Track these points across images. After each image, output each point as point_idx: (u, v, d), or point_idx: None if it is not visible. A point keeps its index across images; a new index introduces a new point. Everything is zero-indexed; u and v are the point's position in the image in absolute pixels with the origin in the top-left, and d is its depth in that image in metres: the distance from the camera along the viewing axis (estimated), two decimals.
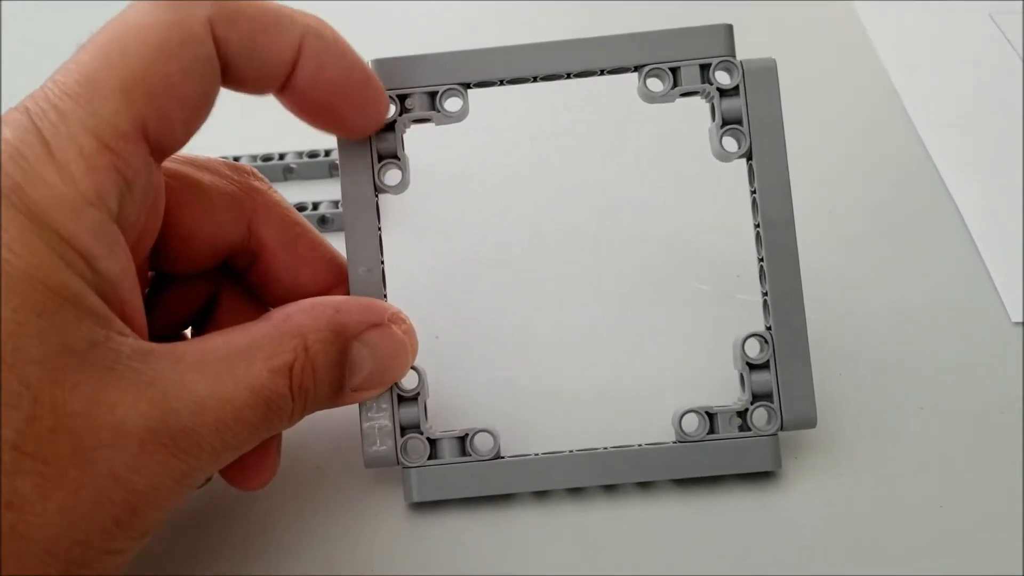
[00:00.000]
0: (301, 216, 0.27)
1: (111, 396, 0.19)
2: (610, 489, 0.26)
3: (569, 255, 0.34)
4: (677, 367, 0.30)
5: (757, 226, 0.26)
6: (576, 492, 0.26)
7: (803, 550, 0.25)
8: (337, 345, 0.23)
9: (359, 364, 0.24)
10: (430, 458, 0.26)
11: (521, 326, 0.32)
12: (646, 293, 0.33)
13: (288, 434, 0.25)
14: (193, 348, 0.21)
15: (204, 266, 0.25)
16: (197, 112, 0.22)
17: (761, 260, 0.26)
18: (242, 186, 0.26)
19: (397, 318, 0.25)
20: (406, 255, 0.32)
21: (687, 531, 0.25)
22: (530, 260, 0.34)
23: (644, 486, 0.26)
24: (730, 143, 0.26)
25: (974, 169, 0.37)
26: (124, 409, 0.19)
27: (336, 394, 0.24)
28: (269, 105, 0.24)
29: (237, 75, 0.22)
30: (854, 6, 0.47)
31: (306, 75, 0.23)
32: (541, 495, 0.26)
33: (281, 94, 0.23)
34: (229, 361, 0.21)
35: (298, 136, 0.37)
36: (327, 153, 0.39)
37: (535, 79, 0.26)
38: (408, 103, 0.26)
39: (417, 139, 0.28)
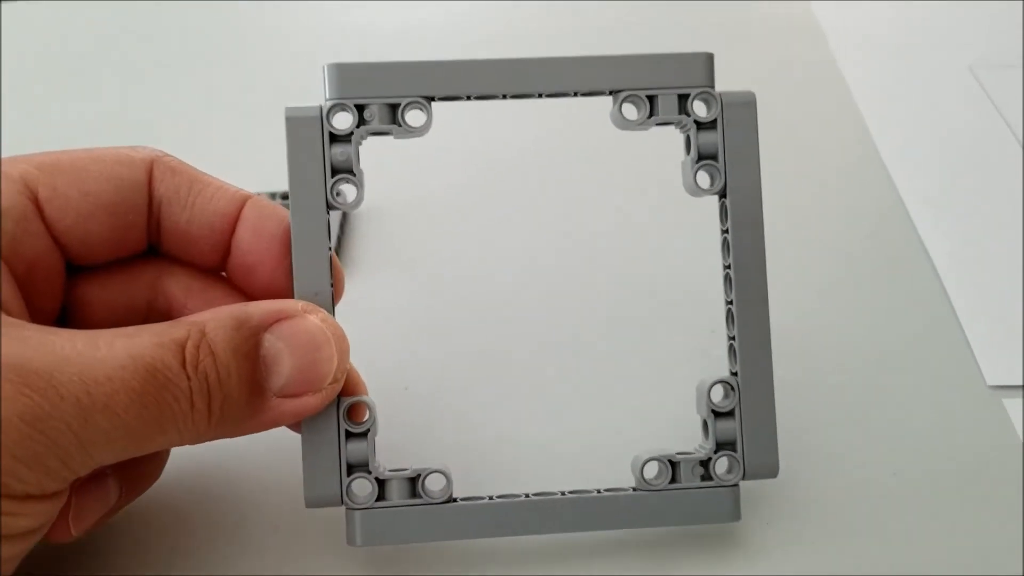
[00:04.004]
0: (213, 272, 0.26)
1: None
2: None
3: (535, 296, 0.34)
4: (637, 410, 0.29)
5: (727, 267, 0.25)
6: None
7: None
8: (241, 333, 0.22)
9: (275, 359, 0.22)
10: (377, 499, 0.24)
11: (480, 369, 0.31)
12: (612, 340, 0.32)
13: (228, 465, 0.23)
14: (77, 330, 0.21)
15: None
16: (97, 214, 0.23)
17: (730, 303, 0.25)
18: (142, 256, 0.25)
19: (312, 308, 0.23)
20: (362, 300, 0.30)
21: None
22: (495, 303, 0.33)
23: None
24: (704, 179, 0.25)
25: (951, 225, 0.36)
26: None
27: (254, 395, 0.22)
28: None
29: (172, 225, 0.24)
30: (831, 50, 0.47)
31: (247, 232, 0.24)
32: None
33: (226, 261, 0.25)
34: (110, 335, 0.21)
35: None
36: None
37: (504, 96, 0.25)
38: (366, 114, 0.24)
39: (372, 171, 0.26)
